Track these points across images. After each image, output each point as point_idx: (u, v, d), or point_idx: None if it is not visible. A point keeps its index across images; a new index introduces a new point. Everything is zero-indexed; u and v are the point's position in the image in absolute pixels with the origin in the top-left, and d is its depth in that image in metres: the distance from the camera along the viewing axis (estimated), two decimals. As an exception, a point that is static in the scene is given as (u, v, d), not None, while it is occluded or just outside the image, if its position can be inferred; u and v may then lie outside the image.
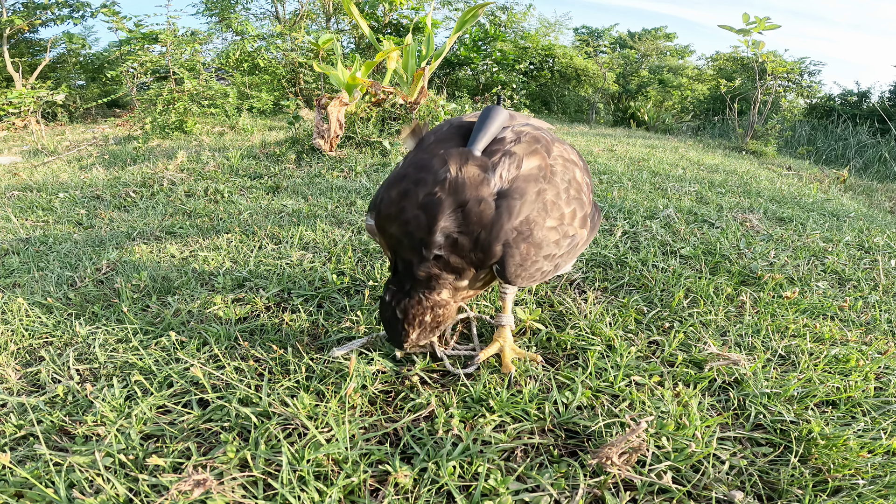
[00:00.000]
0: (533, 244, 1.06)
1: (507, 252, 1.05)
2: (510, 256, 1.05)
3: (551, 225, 1.09)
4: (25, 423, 1.14)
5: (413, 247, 1.06)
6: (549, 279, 1.15)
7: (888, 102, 11.77)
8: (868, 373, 1.36)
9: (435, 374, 1.31)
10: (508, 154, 1.07)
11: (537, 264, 1.09)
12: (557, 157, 1.16)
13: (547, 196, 1.09)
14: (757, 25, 7.44)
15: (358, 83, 4.68)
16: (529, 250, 1.06)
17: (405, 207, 1.05)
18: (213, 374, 1.28)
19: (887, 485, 0.99)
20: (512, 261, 1.05)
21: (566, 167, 1.17)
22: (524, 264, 1.06)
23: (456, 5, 13.93)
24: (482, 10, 4.87)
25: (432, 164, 1.05)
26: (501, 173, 1.04)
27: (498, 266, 1.06)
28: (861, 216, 3.39)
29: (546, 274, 1.14)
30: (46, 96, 8.60)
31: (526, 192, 1.05)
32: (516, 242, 1.04)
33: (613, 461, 0.98)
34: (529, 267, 1.07)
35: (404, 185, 1.07)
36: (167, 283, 1.86)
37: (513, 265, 1.05)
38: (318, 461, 1.00)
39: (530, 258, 1.06)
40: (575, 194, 1.17)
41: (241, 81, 10.71)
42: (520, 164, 1.06)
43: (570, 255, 1.19)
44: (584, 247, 1.25)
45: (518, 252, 1.05)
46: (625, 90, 14.79)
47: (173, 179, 3.70)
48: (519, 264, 1.06)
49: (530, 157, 1.08)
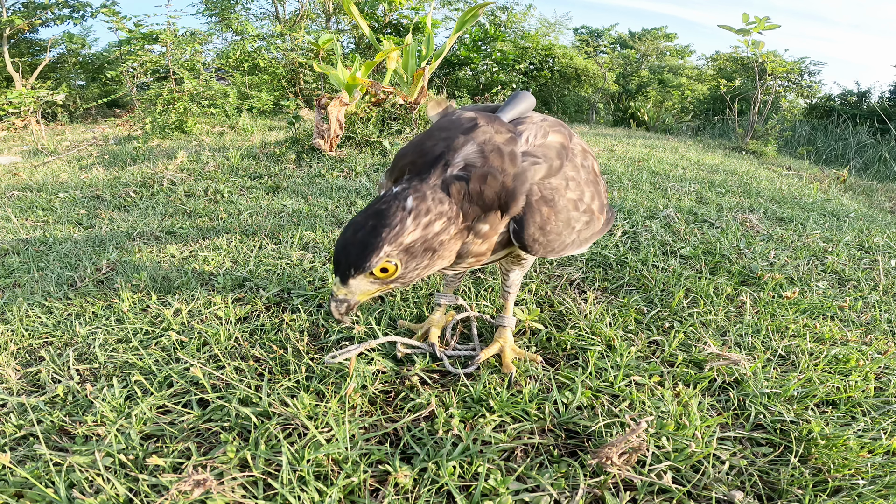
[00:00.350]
0: (555, 210, 1.02)
1: (527, 212, 0.99)
2: (531, 217, 0.99)
3: (572, 197, 1.07)
4: (25, 423, 1.14)
5: (431, 164, 0.97)
6: (563, 254, 1.09)
7: (888, 102, 11.77)
8: (868, 373, 1.36)
9: (435, 374, 1.31)
10: (535, 125, 1.07)
11: (556, 231, 1.03)
12: (577, 144, 1.18)
13: (569, 172, 1.08)
14: (757, 25, 7.44)
15: (358, 83, 4.68)
16: (550, 215, 1.01)
17: (424, 141, 1.02)
18: (213, 374, 1.28)
19: (887, 485, 0.99)
20: (532, 222, 0.99)
21: (585, 155, 1.18)
22: (544, 228, 1.01)
23: (456, 5, 13.93)
24: (482, 10, 4.88)
25: (460, 120, 1.05)
26: (528, 137, 1.04)
27: (515, 226, 1.00)
28: (861, 216, 3.39)
29: (563, 246, 1.08)
30: (46, 96, 8.61)
31: (550, 158, 1.03)
32: (538, 204, 1.00)
33: (613, 461, 0.98)
34: (549, 232, 1.02)
35: (429, 132, 1.06)
36: (167, 283, 1.86)
37: (532, 226, 0.99)
38: (318, 461, 1.00)
39: (550, 223, 1.01)
40: (593, 179, 1.18)
41: (241, 81, 10.72)
42: (546, 135, 1.07)
43: (587, 236, 1.15)
44: (599, 234, 1.22)
45: (539, 213, 1.00)
46: (625, 90, 14.79)
47: (173, 179, 3.70)
48: (539, 227, 1.00)
49: (554, 134, 1.09)
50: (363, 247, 0.89)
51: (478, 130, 0.99)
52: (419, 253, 0.92)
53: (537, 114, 1.19)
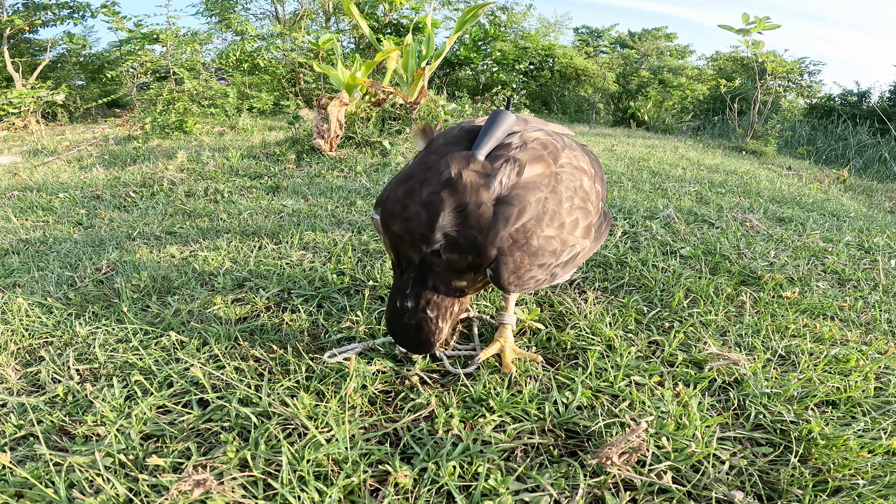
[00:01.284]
0: (528, 253, 1.06)
1: (500, 259, 1.05)
2: (503, 264, 1.05)
3: (549, 234, 1.09)
4: (25, 423, 1.14)
5: (413, 243, 1.08)
6: (544, 287, 1.15)
7: (888, 102, 11.76)
8: (868, 373, 1.36)
9: (435, 374, 1.31)
10: (511, 160, 1.08)
11: (531, 272, 1.09)
12: (565, 164, 1.16)
13: (548, 205, 1.09)
14: (757, 25, 7.44)
15: (358, 83, 4.68)
16: (524, 259, 1.06)
17: (408, 205, 1.08)
18: (213, 374, 1.28)
19: (887, 485, 0.99)
20: (505, 268, 1.06)
21: (573, 175, 1.17)
22: (518, 272, 1.07)
23: (456, 5, 13.92)
24: (482, 10, 4.88)
25: (438, 166, 1.08)
26: (502, 179, 1.06)
27: (492, 272, 1.07)
28: (861, 216, 3.39)
29: (540, 283, 1.14)
30: (46, 96, 8.61)
31: (524, 200, 1.05)
32: (511, 250, 1.05)
33: (613, 461, 0.98)
34: (523, 275, 1.08)
35: (410, 184, 1.10)
36: (167, 283, 1.86)
37: (506, 272, 1.06)
38: (318, 461, 1.00)
39: (524, 266, 1.07)
40: (580, 203, 1.17)
41: (241, 81, 10.72)
42: (521, 171, 1.07)
43: (570, 265, 1.19)
44: (585, 257, 1.25)
45: (511, 260, 1.05)
46: (625, 90, 14.78)
47: (173, 179, 3.70)
48: (512, 272, 1.06)
49: (533, 165, 1.09)
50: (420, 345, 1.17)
51: (453, 186, 1.04)
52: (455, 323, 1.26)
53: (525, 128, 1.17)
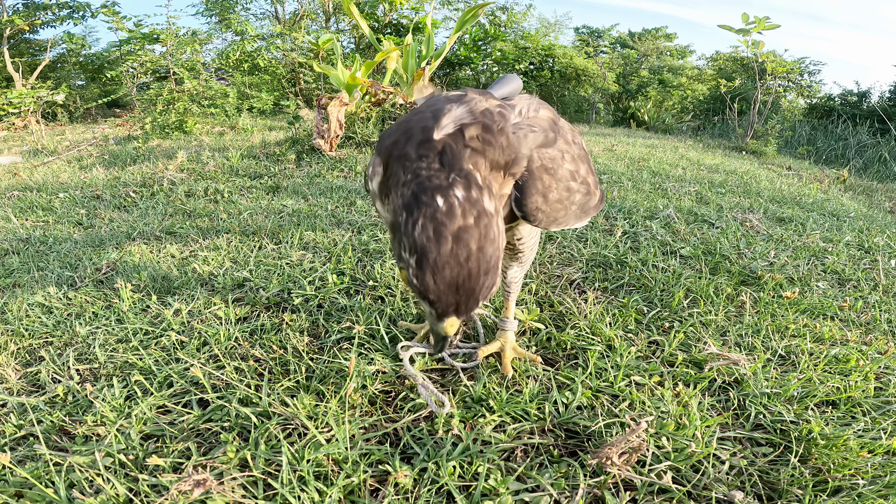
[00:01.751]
0: (555, 178, 1.00)
1: (529, 179, 0.96)
2: (532, 184, 0.96)
3: (569, 168, 1.04)
4: (25, 423, 1.14)
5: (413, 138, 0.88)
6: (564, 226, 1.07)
7: (888, 102, 11.76)
8: (868, 373, 1.36)
9: (435, 374, 1.31)
10: (525, 100, 1.06)
11: (559, 199, 1.01)
12: (565, 123, 1.16)
13: (561, 144, 1.05)
14: (756, 25, 7.44)
15: (358, 83, 4.68)
16: (551, 183, 0.99)
17: (410, 118, 0.96)
18: (213, 374, 1.28)
19: (887, 485, 0.99)
20: (535, 189, 0.96)
21: (574, 133, 1.17)
22: (547, 196, 0.98)
23: (456, 5, 13.92)
24: (482, 10, 4.88)
25: (448, 95, 1.02)
26: (521, 110, 1.01)
27: (518, 193, 0.96)
28: (861, 216, 3.39)
29: (566, 216, 1.05)
30: (46, 96, 8.61)
31: (545, 129, 1.00)
32: (539, 171, 0.97)
33: (613, 461, 0.98)
34: (551, 201, 0.99)
35: (415, 109, 1.02)
36: (167, 283, 1.86)
37: (535, 194, 0.96)
38: (318, 461, 1.00)
39: (552, 190, 0.99)
40: (584, 156, 1.16)
41: (241, 81, 10.72)
42: (537, 109, 1.05)
43: (585, 209, 1.13)
44: (595, 210, 1.20)
45: (541, 181, 0.97)
46: (625, 90, 14.78)
47: (173, 179, 3.70)
48: (542, 194, 0.97)
49: (544, 109, 1.07)
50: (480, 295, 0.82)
51: (467, 98, 0.95)
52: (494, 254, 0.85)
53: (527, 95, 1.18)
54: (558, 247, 2.22)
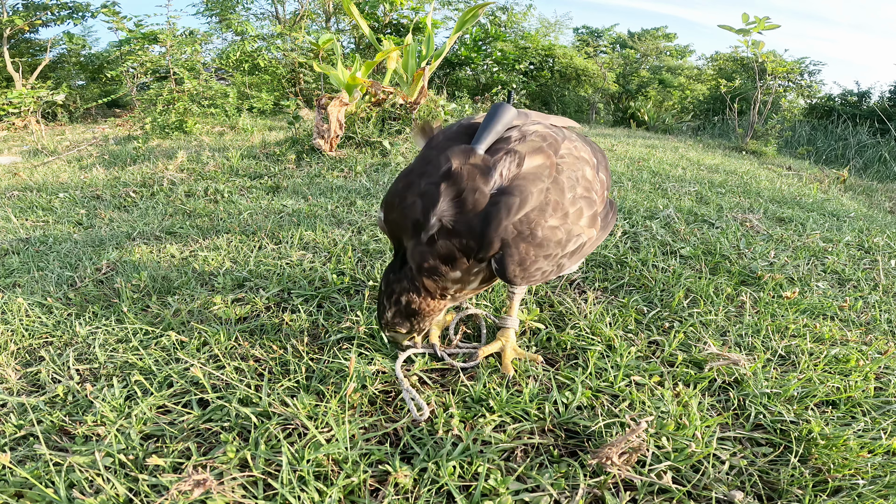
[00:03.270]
0: (533, 244, 1.06)
1: (505, 252, 1.05)
2: (509, 256, 1.05)
3: (553, 224, 1.08)
4: (25, 423, 1.14)
5: (409, 229, 1.10)
6: (551, 279, 1.14)
7: (888, 102, 11.75)
8: (868, 373, 1.36)
9: (435, 374, 1.31)
10: (511, 153, 1.07)
11: (537, 264, 1.08)
12: (566, 154, 1.15)
13: (550, 195, 1.08)
14: (756, 25, 7.44)
15: (358, 83, 4.68)
16: (529, 250, 1.06)
17: (406, 196, 1.10)
18: (213, 374, 1.28)
19: (887, 485, 0.99)
20: (511, 260, 1.05)
21: (575, 165, 1.16)
22: (523, 264, 1.06)
23: (456, 5, 13.91)
24: (482, 10, 4.87)
25: (438, 160, 1.09)
26: (502, 171, 1.05)
27: (496, 265, 1.07)
28: (861, 216, 3.39)
29: (547, 274, 1.13)
30: (46, 96, 8.61)
31: (525, 190, 1.04)
32: (515, 242, 1.04)
33: (613, 461, 0.98)
34: (529, 267, 1.07)
35: (409, 178, 1.12)
36: (167, 283, 1.86)
37: (512, 265, 1.05)
38: (318, 461, 1.00)
39: (530, 258, 1.06)
40: (583, 192, 1.16)
41: (241, 81, 10.72)
42: (521, 162, 1.06)
43: (576, 256, 1.18)
44: (592, 247, 1.24)
45: (517, 252, 1.05)
46: (625, 90, 14.78)
47: (173, 179, 3.70)
48: (518, 264, 1.06)
49: (533, 156, 1.08)
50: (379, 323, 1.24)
51: (452, 177, 1.04)
52: (405, 318, 1.18)
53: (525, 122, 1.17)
54: (558, 247, 2.22)
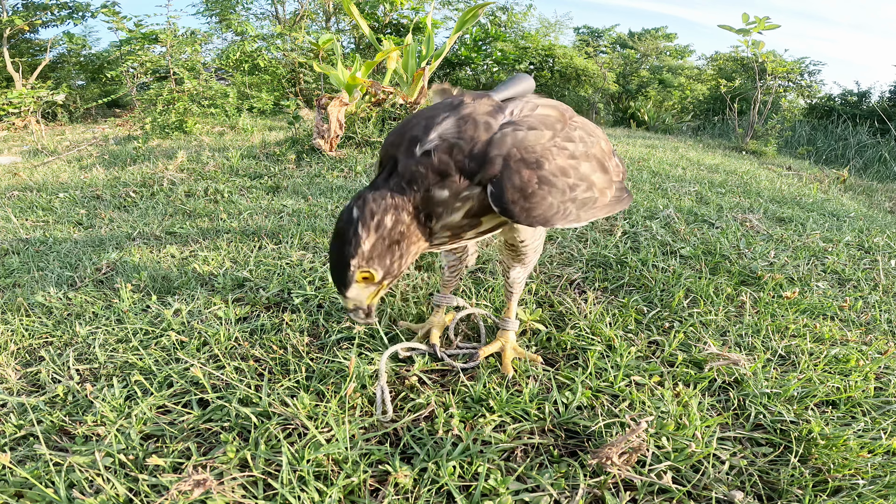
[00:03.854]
0: (537, 172, 0.96)
1: (504, 173, 0.94)
2: (508, 179, 0.94)
3: (561, 164, 1.00)
4: (25, 423, 1.14)
5: (405, 145, 0.99)
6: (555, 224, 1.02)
7: (888, 102, 11.76)
8: (868, 373, 1.36)
9: (434, 375, 1.31)
10: (524, 101, 1.06)
11: (540, 194, 0.97)
12: (579, 122, 1.12)
13: (558, 141, 1.02)
14: (756, 25, 7.44)
15: (358, 83, 4.68)
16: (532, 177, 0.95)
17: (410, 121, 1.05)
18: (213, 374, 1.28)
19: (887, 485, 0.99)
20: (511, 183, 0.94)
21: (589, 131, 1.12)
22: (524, 191, 0.94)
23: (456, 5, 13.92)
24: (482, 10, 4.88)
25: (449, 100, 1.07)
26: (513, 110, 1.02)
27: (493, 188, 0.95)
28: (861, 216, 3.39)
29: (552, 213, 1.00)
30: (46, 96, 8.61)
31: (535, 125, 0.99)
32: (517, 165, 0.95)
33: (613, 461, 0.98)
34: (531, 196, 0.96)
35: (416, 113, 1.09)
36: (167, 283, 1.86)
37: (511, 188, 0.94)
38: (318, 461, 1.00)
39: (532, 185, 0.95)
40: (598, 155, 1.10)
41: (241, 81, 10.71)
42: (534, 108, 1.04)
43: (587, 209, 1.08)
44: (603, 211, 1.15)
45: (518, 175, 0.94)
46: (625, 90, 14.78)
47: (173, 179, 3.70)
48: (519, 189, 0.94)
49: (545, 108, 1.06)
50: (338, 268, 0.96)
51: (462, 106, 1.00)
52: (386, 250, 0.96)
53: (535, 96, 1.16)
54: (558, 247, 2.22)
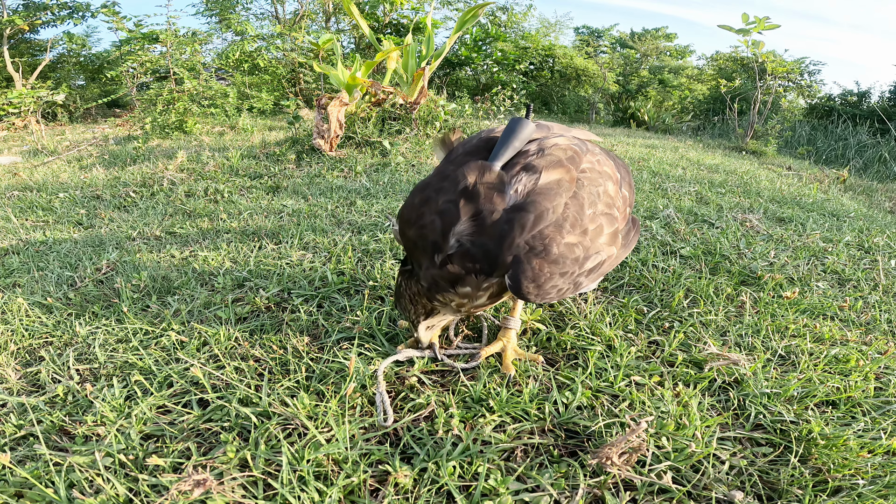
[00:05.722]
0: (548, 261, 1.03)
1: (518, 267, 1.03)
2: (522, 272, 1.02)
3: (570, 241, 1.05)
4: (25, 423, 1.14)
5: (426, 249, 1.10)
6: (568, 297, 1.12)
7: (888, 102, 11.75)
8: (868, 373, 1.36)
9: (434, 375, 1.31)
10: (527, 168, 1.06)
11: (552, 281, 1.05)
12: (587, 169, 1.13)
13: (568, 211, 1.06)
14: (756, 25, 7.44)
15: (358, 83, 4.68)
16: (543, 266, 1.03)
17: (424, 213, 1.10)
18: (213, 374, 1.28)
19: (887, 485, 0.99)
20: (524, 276, 1.02)
21: (596, 180, 1.14)
22: (537, 280, 1.03)
23: (456, 5, 13.92)
24: (482, 10, 4.87)
25: (455, 175, 1.08)
26: (518, 187, 1.04)
27: (510, 282, 1.04)
28: (861, 216, 3.39)
29: (563, 292, 1.10)
30: (46, 96, 8.60)
31: (540, 206, 1.03)
32: (528, 257, 1.02)
33: (613, 461, 0.98)
34: (544, 284, 1.04)
35: (426, 193, 1.12)
36: (167, 283, 1.86)
37: (525, 281, 1.03)
38: (318, 461, 1.00)
39: (544, 274, 1.03)
40: (605, 209, 1.14)
41: (241, 81, 10.71)
42: (538, 177, 1.05)
43: (595, 274, 1.14)
44: (612, 265, 1.20)
45: (529, 267, 1.02)
46: (625, 90, 14.79)
47: (173, 179, 3.70)
48: (531, 280, 1.03)
49: (551, 171, 1.07)
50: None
51: (470, 195, 1.05)
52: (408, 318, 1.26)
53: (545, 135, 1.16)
54: (558, 247, 2.22)
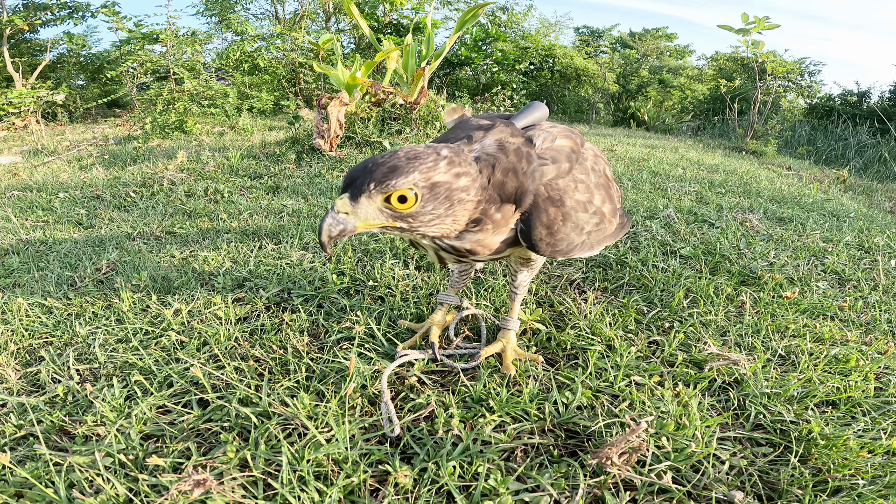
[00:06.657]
0: (562, 210, 1.04)
1: (533, 212, 1.02)
2: (537, 217, 1.01)
3: (580, 199, 1.09)
4: (25, 423, 1.14)
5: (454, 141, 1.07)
6: (573, 256, 1.10)
7: (888, 102, 11.76)
8: (868, 373, 1.36)
9: (434, 375, 1.31)
10: (544, 131, 1.11)
11: (564, 231, 1.05)
12: (589, 149, 1.21)
13: (577, 174, 1.11)
14: (756, 25, 7.45)
15: (358, 83, 4.68)
16: (557, 215, 1.03)
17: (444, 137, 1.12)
18: (213, 374, 1.28)
19: (887, 485, 0.99)
20: (539, 221, 1.01)
21: (596, 160, 1.21)
22: (551, 228, 1.03)
23: (456, 5, 13.94)
24: (482, 10, 4.87)
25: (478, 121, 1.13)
26: (538, 142, 1.08)
27: (523, 225, 1.03)
28: (861, 216, 3.38)
29: (571, 247, 1.09)
30: (46, 96, 8.61)
31: (558, 160, 1.07)
32: (545, 204, 1.02)
33: (613, 461, 0.98)
34: (556, 233, 1.04)
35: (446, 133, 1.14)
36: (167, 283, 1.86)
37: (540, 226, 1.02)
38: (318, 461, 1.00)
39: (557, 223, 1.03)
40: (604, 183, 1.20)
41: (241, 81, 10.72)
42: (554, 140, 1.10)
43: (598, 238, 1.17)
44: (611, 239, 1.24)
45: (545, 214, 1.02)
46: (625, 90, 14.79)
47: (173, 179, 3.70)
48: (546, 226, 1.02)
49: (563, 139, 1.12)
50: (393, 169, 0.89)
51: (495, 129, 1.06)
52: (440, 197, 0.92)
53: (548, 122, 1.23)
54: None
